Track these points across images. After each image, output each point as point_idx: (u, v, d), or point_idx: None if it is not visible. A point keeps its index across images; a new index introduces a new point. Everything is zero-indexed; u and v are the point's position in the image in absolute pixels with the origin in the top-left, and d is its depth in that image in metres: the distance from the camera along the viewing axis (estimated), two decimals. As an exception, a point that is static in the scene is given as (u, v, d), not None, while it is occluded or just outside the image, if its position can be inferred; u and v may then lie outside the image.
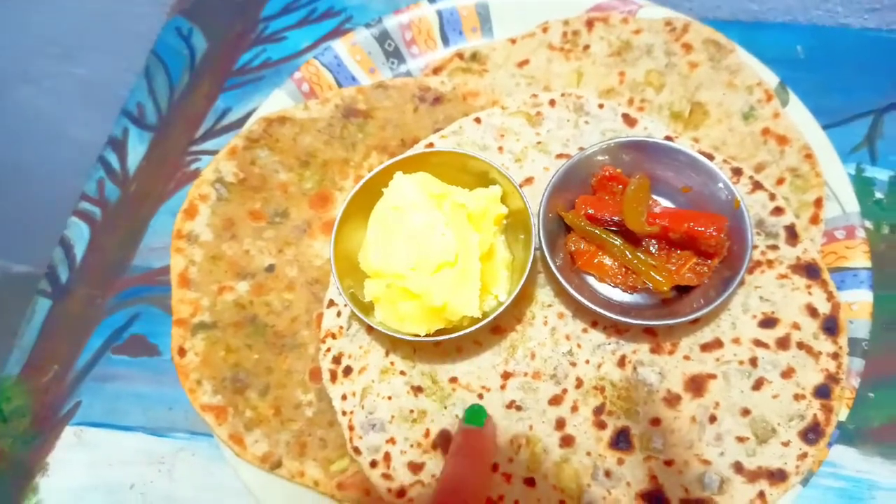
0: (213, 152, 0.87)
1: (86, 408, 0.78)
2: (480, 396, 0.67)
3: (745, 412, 0.63)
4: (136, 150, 0.91)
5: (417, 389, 0.68)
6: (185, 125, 0.91)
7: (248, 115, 0.88)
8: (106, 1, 1.13)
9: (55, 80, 1.34)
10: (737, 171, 0.71)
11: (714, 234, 0.64)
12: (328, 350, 0.70)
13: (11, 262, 2.01)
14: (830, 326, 0.65)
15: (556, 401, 0.66)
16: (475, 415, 0.64)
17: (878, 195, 0.77)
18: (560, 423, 0.65)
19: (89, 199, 0.89)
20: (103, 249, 0.86)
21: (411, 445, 0.66)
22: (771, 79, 0.77)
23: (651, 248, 0.68)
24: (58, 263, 0.85)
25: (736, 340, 0.66)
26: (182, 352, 0.72)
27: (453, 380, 0.68)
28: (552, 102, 0.77)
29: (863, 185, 0.77)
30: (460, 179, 0.70)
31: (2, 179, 1.62)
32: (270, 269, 0.76)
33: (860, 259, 0.69)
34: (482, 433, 0.63)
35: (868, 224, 0.74)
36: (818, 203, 0.71)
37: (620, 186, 0.70)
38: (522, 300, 0.69)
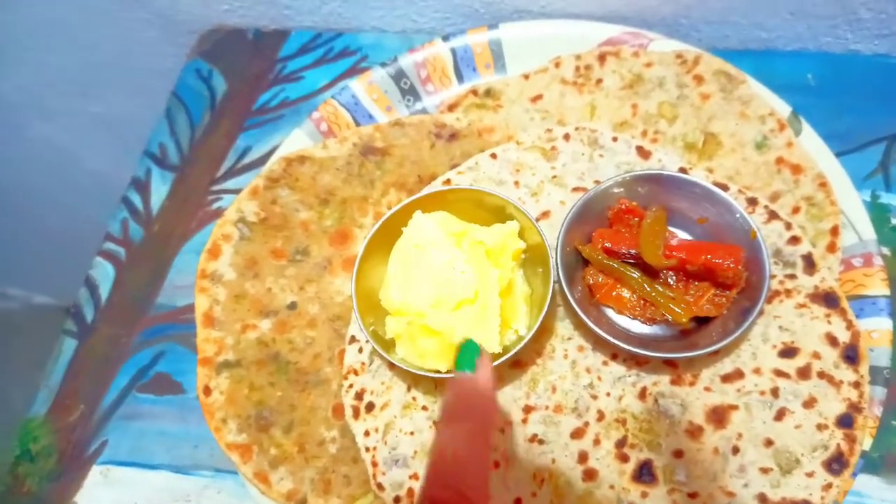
0: (235, 191, 0.89)
1: (112, 446, 0.79)
2: (502, 430, 0.67)
3: (768, 443, 0.63)
4: (159, 190, 0.93)
5: (440, 424, 0.68)
6: (207, 165, 0.93)
7: (269, 153, 0.90)
8: (120, 40, 1.16)
9: (71, 117, 1.38)
10: (752, 201, 0.72)
11: (731, 265, 0.64)
12: (350, 386, 0.71)
13: (33, 293, 2.04)
14: (851, 355, 0.65)
15: (578, 434, 0.66)
16: (467, 354, 0.51)
17: (895, 221, 0.77)
18: (583, 457, 0.65)
19: (114, 239, 0.90)
20: (128, 288, 0.87)
21: (435, 481, 0.66)
22: (783, 108, 0.78)
23: (669, 280, 0.68)
24: (83, 303, 0.87)
25: (757, 371, 0.66)
26: (207, 391, 0.73)
27: (475, 414, 0.68)
28: (567, 136, 0.78)
29: (879, 212, 0.77)
30: (477, 215, 0.71)
31: (20, 212, 1.66)
32: (292, 306, 0.77)
33: (879, 287, 0.69)
34: (477, 383, 0.50)
35: (885, 251, 0.74)
36: (834, 231, 0.72)
37: (637, 219, 0.70)
38: (542, 334, 0.70)
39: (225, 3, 1.02)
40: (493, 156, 0.78)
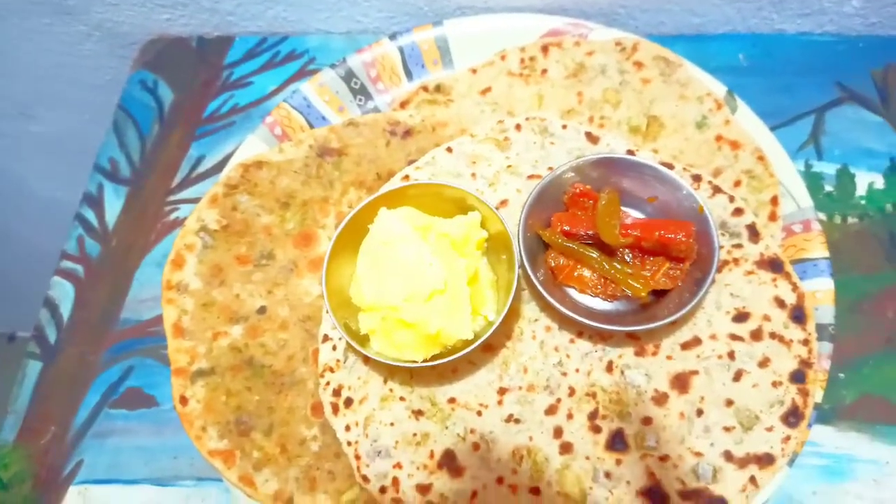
0: (191, 200, 0.89)
1: (88, 466, 0.78)
2: (479, 413, 0.70)
3: (729, 403, 0.67)
4: (113, 204, 0.92)
5: (418, 413, 0.70)
6: (161, 176, 0.93)
7: (223, 161, 0.90)
8: (58, 55, 1.13)
9: (12, 139, 1.34)
10: (696, 178, 0.76)
11: (683, 239, 0.68)
12: (327, 384, 0.72)
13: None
14: (798, 315, 0.69)
15: (551, 410, 0.69)
16: None
17: (828, 188, 0.82)
18: (558, 432, 0.68)
19: (70, 257, 0.89)
20: (90, 306, 0.86)
21: (417, 468, 0.68)
22: (719, 88, 0.82)
23: (626, 258, 0.72)
24: (45, 324, 0.86)
25: (713, 336, 0.70)
26: (184, 400, 0.73)
27: (452, 400, 0.70)
28: (518, 127, 0.81)
29: (813, 181, 0.82)
30: (439, 208, 0.73)
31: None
32: (262, 310, 0.77)
33: (818, 249, 0.74)
34: None
35: (822, 216, 0.79)
36: (774, 201, 0.76)
37: (591, 202, 0.74)
38: (510, 317, 0.72)
39: (165, 12, 1.01)
40: (449, 149, 0.80)
